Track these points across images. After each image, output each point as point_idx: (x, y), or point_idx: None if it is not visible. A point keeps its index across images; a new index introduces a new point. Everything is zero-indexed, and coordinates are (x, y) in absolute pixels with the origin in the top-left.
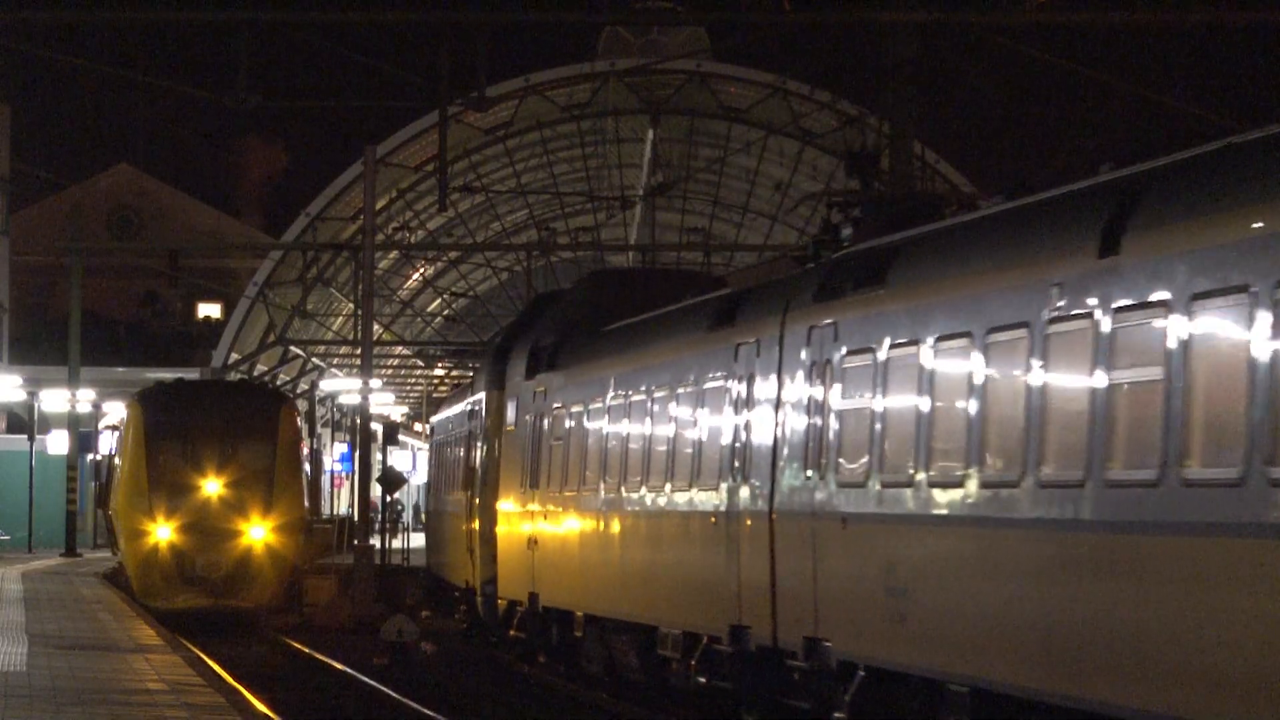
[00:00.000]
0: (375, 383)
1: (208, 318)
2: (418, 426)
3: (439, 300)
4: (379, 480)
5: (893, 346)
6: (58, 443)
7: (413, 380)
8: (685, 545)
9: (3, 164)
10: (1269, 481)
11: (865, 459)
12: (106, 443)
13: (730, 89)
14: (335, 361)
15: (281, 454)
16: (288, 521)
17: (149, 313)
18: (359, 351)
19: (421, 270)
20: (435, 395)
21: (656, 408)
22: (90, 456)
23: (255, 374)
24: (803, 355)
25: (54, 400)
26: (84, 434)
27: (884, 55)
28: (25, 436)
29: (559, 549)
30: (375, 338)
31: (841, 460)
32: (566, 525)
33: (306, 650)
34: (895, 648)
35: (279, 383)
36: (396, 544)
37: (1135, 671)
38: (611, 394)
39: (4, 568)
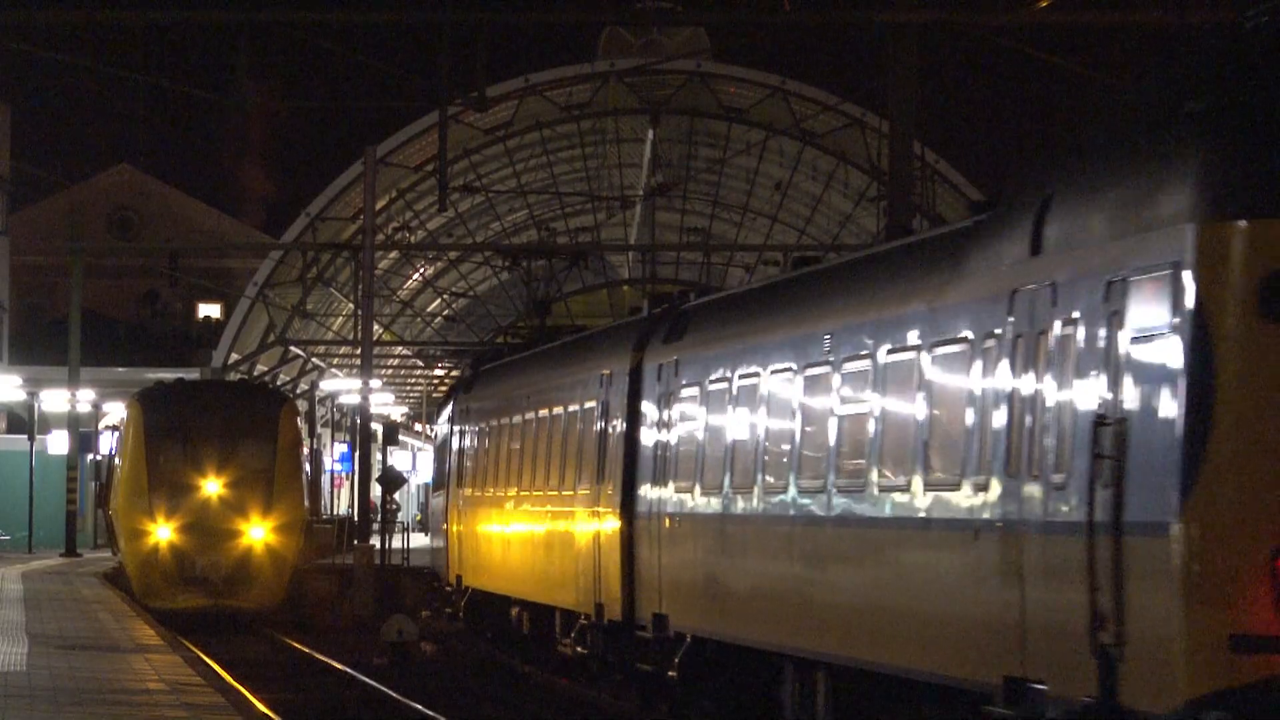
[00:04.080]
0: (375, 383)
1: (208, 318)
2: (418, 426)
3: (439, 300)
4: (379, 480)
5: None
6: (58, 443)
7: (413, 380)
8: None
9: (3, 164)
10: None
11: None
12: (106, 443)
13: (730, 89)
14: (335, 361)
15: (281, 454)
16: (288, 522)
17: (149, 313)
18: (359, 351)
19: (421, 270)
20: (434, 395)
21: None
22: (90, 456)
23: (255, 374)
24: None
25: (54, 400)
26: (84, 434)
27: (885, 55)
28: (25, 436)
29: None
30: (375, 338)
31: None
32: None
33: (306, 650)
34: None
35: (279, 383)
36: (396, 543)
37: None
38: None
39: (4, 568)
